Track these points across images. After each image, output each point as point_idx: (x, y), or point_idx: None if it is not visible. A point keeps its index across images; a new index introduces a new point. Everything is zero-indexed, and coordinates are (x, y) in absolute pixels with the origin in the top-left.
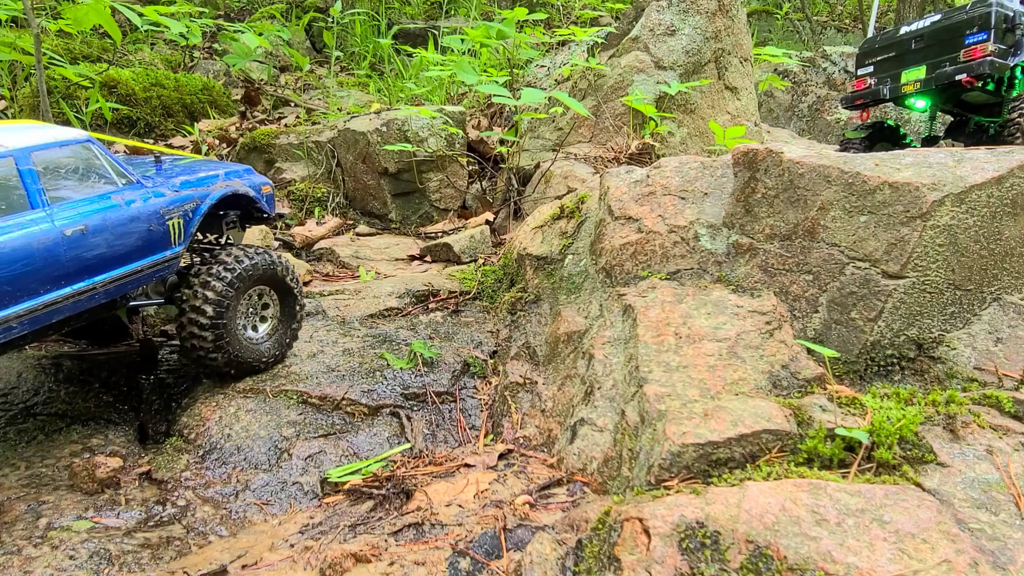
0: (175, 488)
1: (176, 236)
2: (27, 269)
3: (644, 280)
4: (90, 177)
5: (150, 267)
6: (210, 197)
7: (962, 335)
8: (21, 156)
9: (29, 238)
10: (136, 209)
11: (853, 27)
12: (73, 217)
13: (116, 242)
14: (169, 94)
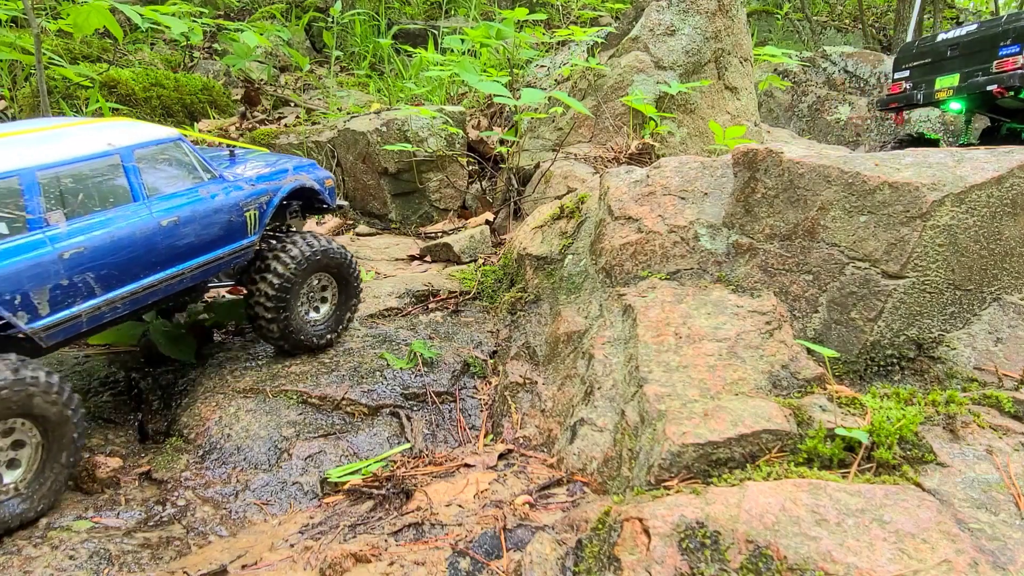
0: (175, 488)
1: (252, 226)
2: (131, 256)
3: (644, 280)
4: (181, 172)
5: (230, 255)
6: (281, 190)
7: (962, 335)
8: (126, 153)
9: (133, 228)
10: (219, 202)
11: (853, 27)
12: (168, 209)
13: (202, 232)
14: (169, 94)
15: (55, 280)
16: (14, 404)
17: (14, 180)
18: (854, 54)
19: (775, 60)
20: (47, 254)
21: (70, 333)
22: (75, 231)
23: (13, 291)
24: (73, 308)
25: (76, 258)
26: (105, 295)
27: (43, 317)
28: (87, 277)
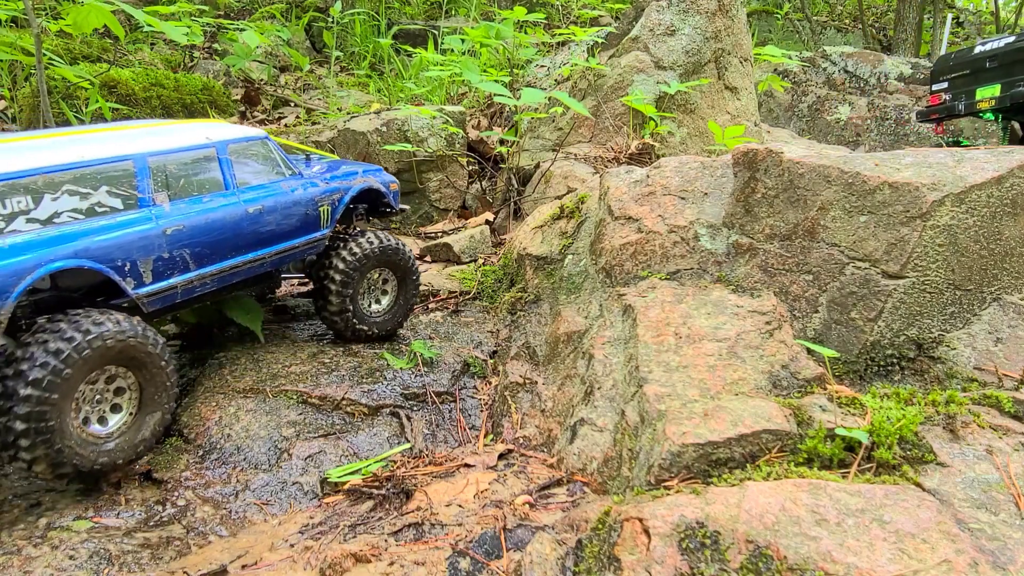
0: (175, 488)
1: (324, 220)
2: (220, 237)
3: (644, 280)
4: (265, 167)
5: (304, 245)
6: (352, 189)
7: (962, 335)
8: (221, 147)
9: (223, 213)
10: (297, 196)
11: (853, 27)
12: (253, 198)
13: (282, 222)
14: (169, 94)
15: (158, 253)
16: (117, 353)
17: (129, 163)
18: (854, 54)
19: (775, 60)
20: (153, 229)
21: (166, 303)
22: (176, 211)
23: (124, 258)
24: (171, 280)
25: (176, 235)
26: (197, 271)
27: (146, 285)
28: (184, 253)
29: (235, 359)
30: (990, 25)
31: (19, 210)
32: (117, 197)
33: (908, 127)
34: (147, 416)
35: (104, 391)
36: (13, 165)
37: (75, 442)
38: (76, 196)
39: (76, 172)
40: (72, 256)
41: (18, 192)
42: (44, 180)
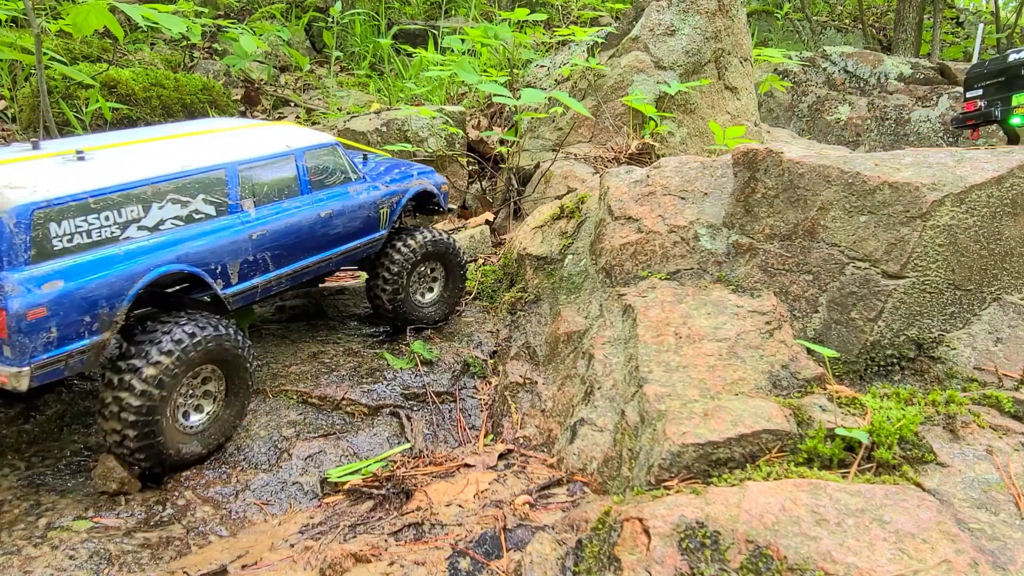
0: (175, 488)
1: (383, 222)
2: (297, 240)
3: (644, 280)
4: (336, 172)
5: (365, 245)
6: (409, 192)
7: (962, 335)
8: (299, 154)
9: (300, 217)
10: (362, 199)
11: (853, 27)
12: (325, 203)
13: (348, 224)
14: (169, 94)
15: (244, 256)
16: (214, 354)
17: (222, 172)
18: (854, 54)
19: (775, 60)
20: (241, 234)
21: (247, 301)
22: (261, 217)
23: (216, 262)
24: (253, 280)
25: (260, 239)
26: (275, 271)
27: (233, 285)
28: (265, 255)
29: None
30: (990, 25)
31: (132, 219)
32: (211, 204)
33: (908, 127)
34: (229, 410)
35: (197, 388)
36: (126, 176)
37: (171, 434)
38: (178, 204)
39: (179, 182)
40: (175, 261)
41: (131, 202)
42: (152, 190)
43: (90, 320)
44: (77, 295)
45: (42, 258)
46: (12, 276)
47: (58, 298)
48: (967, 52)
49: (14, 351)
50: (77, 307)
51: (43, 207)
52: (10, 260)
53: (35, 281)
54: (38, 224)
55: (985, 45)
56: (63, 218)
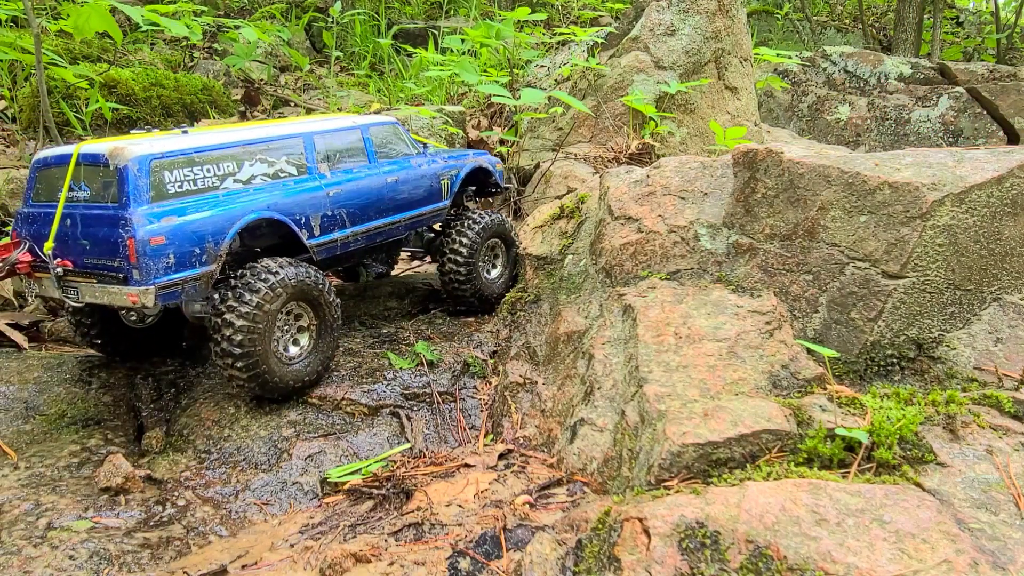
0: (175, 488)
1: (445, 193)
2: (367, 200)
3: (644, 280)
4: (398, 147)
5: (430, 213)
6: (466, 166)
7: (962, 335)
8: (364, 128)
9: (369, 180)
10: (423, 170)
11: (853, 27)
12: (390, 170)
13: (413, 191)
14: (169, 94)
15: (323, 210)
16: (296, 291)
17: (299, 139)
18: (854, 54)
19: (775, 60)
20: (320, 191)
21: (329, 254)
22: (335, 178)
23: (300, 213)
24: (333, 234)
25: (335, 196)
26: (351, 228)
27: (316, 237)
28: (341, 212)
29: None
30: (990, 25)
31: (228, 172)
32: (292, 165)
33: (908, 127)
34: (321, 344)
35: (292, 324)
36: (221, 139)
37: (275, 363)
38: (265, 163)
39: (264, 145)
40: (265, 209)
41: (227, 159)
42: (243, 150)
43: (199, 252)
44: (188, 229)
45: (160, 198)
46: (138, 210)
47: (174, 230)
48: (967, 52)
49: (141, 273)
50: (188, 239)
51: (158, 158)
52: (135, 198)
53: (155, 216)
54: (155, 171)
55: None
56: (174, 168)
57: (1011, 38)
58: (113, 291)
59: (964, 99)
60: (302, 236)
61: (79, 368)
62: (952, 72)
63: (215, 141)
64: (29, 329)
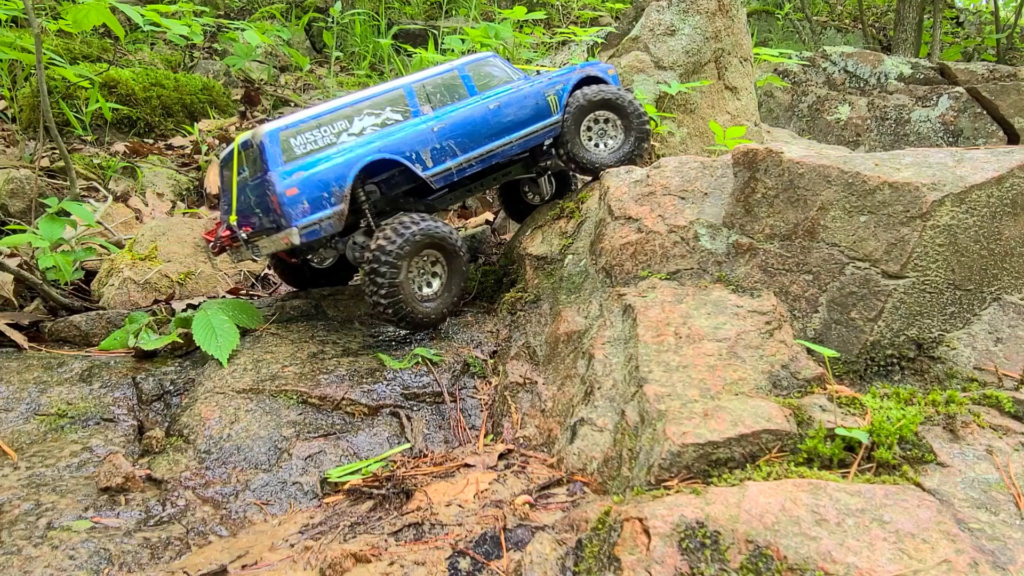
0: (175, 488)
1: (554, 108)
2: (472, 129)
3: (644, 280)
4: (497, 75)
5: (541, 128)
6: (573, 79)
7: (962, 335)
8: (461, 68)
9: (471, 111)
10: (525, 91)
11: (853, 27)
12: (491, 98)
13: (518, 112)
14: (169, 94)
15: (431, 144)
16: (431, 241)
17: (400, 90)
18: (854, 54)
19: (775, 60)
20: (425, 128)
21: (447, 181)
22: (438, 114)
23: (410, 150)
24: (446, 163)
25: (440, 131)
26: (462, 156)
27: (429, 168)
28: (449, 143)
29: (235, 359)
30: (990, 25)
31: (342, 129)
32: (397, 112)
33: (908, 127)
34: (451, 286)
35: (427, 267)
36: (332, 104)
37: (411, 299)
38: (372, 116)
39: (370, 101)
40: (377, 152)
41: (340, 118)
42: (352, 109)
43: (328, 195)
44: (315, 178)
45: (290, 160)
46: (275, 172)
47: (304, 181)
48: (967, 52)
49: (285, 219)
50: (316, 186)
51: (284, 129)
52: (272, 164)
53: (288, 173)
54: (283, 140)
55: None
56: (297, 134)
57: (1011, 38)
58: (274, 239)
59: (964, 99)
60: (416, 169)
61: (79, 368)
62: (952, 72)
63: (327, 107)
64: (29, 329)
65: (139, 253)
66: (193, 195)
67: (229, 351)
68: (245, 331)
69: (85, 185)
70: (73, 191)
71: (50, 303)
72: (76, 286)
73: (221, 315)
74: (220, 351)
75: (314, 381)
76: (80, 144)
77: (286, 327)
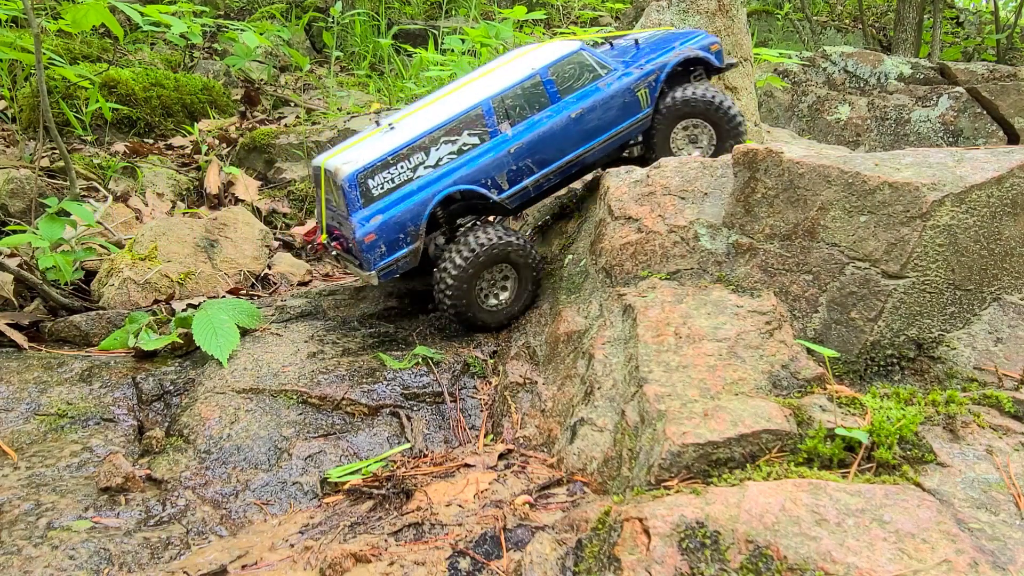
0: (175, 488)
1: (644, 102)
2: (552, 144)
3: (644, 280)
4: (583, 74)
5: (627, 128)
6: (667, 66)
7: (962, 335)
8: (543, 72)
9: (552, 123)
10: (613, 89)
11: (853, 27)
12: (575, 104)
13: (603, 115)
14: (169, 94)
15: (508, 167)
16: (501, 254)
17: (479, 108)
18: (854, 54)
19: (775, 60)
20: (503, 151)
21: (523, 199)
22: (516, 134)
23: (486, 177)
24: (522, 183)
25: (518, 151)
26: (540, 172)
27: (504, 191)
28: (527, 162)
29: (235, 359)
30: (990, 25)
31: (418, 162)
32: (474, 135)
33: (908, 127)
34: (520, 296)
35: (497, 280)
36: (410, 135)
37: (475, 308)
38: (449, 143)
39: (447, 127)
40: (452, 184)
41: (416, 151)
42: (429, 139)
43: (404, 236)
44: (391, 222)
45: (368, 202)
46: (356, 217)
47: (380, 226)
48: (967, 52)
49: (364, 263)
50: (392, 229)
51: (362, 171)
52: (352, 208)
53: (366, 218)
54: (362, 182)
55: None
56: (375, 174)
57: (1011, 38)
58: (360, 273)
59: (964, 99)
60: (491, 195)
61: (79, 368)
62: (952, 72)
63: (405, 139)
64: (29, 329)
65: (139, 253)
66: (193, 195)
67: (229, 351)
68: (245, 331)
69: (85, 185)
70: (73, 191)
71: (50, 303)
72: (76, 286)
73: (221, 315)
74: (220, 351)
75: (314, 381)
76: (80, 144)
77: (286, 327)
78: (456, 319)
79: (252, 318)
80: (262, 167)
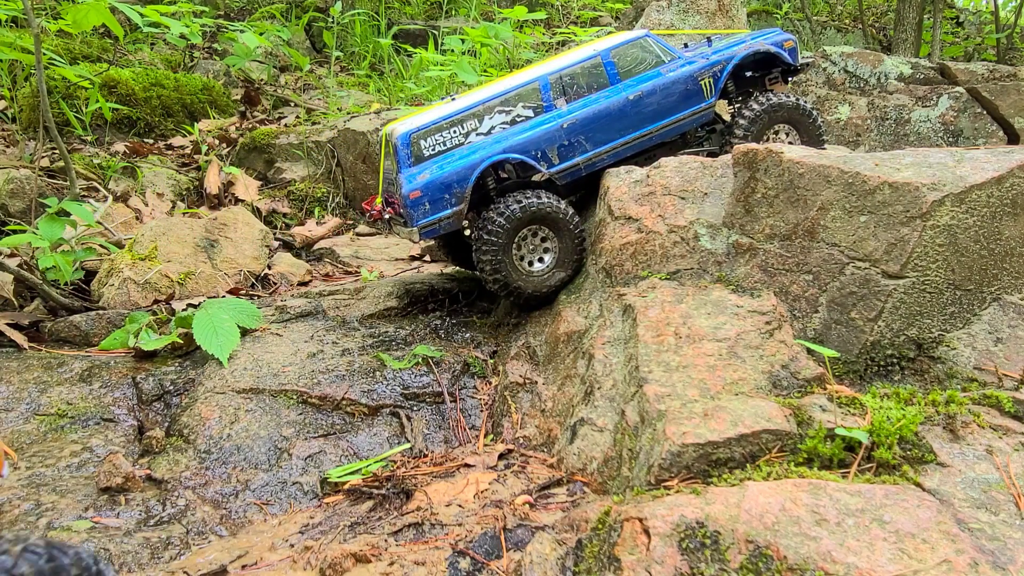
0: (175, 488)
1: (708, 92)
2: (607, 123)
3: (644, 280)
4: (646, 59)
5: (688, 116)
6: (735, 58)
7: (962, 335)
8: (605, 53)
9: (608, 104)
10: (674, 76)
11: (853, 27)
12: (634, 87)
13: (662, 101)
14: (169, 94)
15: (559, 141)
16: (538, 215)
17: (536, 83)
18: (854, 54)
19: None
20: (555, 125)
21: (573, 176)
22: (571, 109)
23: (536, 149)
24: (573, 159)
25: (571, 127)
26: (593, 151)
27: (555, 165)
28: (580, 139)
29: (235, 359)
30: (990, 25)
31: (471, 129)
32: (529, 108)
33: (908, 127)
34: (563, 261)
35: (537, 244)
36: (465, 103)
37: (515, 273)
38: (503, 113)
39: (503, 97)
40: (502, 152)
41: (471, 118)
42: (484, 108)
43: (448, 197)
44: (437, 182)
45: (419, 161)
46: (404, 174)
47: (426, 184)
48: (967, 52)
49: (408, 219)
50: (438, 188)
51: (416, 131)
52: (402, 165)
53: (414, 175)
54: (414, 142)
55: (984, 45)
56: (428, 136)
57: (1011, 38)
58: (403, 231)
59: (964, 99)
60: (540, 167)
61: (79, 368)
62: (952, 72)
63: (459, 106)
64: (29, 329)
65: (139, 253)
66: (193, 195)
67: (229, 351)
68: (245, 331)
69: (85, 185)
70: (73, 191)
71: (50, 303)
72: (76, 286)
73: (221, 315)
74: (220, 351)
75: (314, 381)
76: (80, 144)
77: (286, 327)
78: (503, 292)
79: (252, 318)
80: (262, 167)
